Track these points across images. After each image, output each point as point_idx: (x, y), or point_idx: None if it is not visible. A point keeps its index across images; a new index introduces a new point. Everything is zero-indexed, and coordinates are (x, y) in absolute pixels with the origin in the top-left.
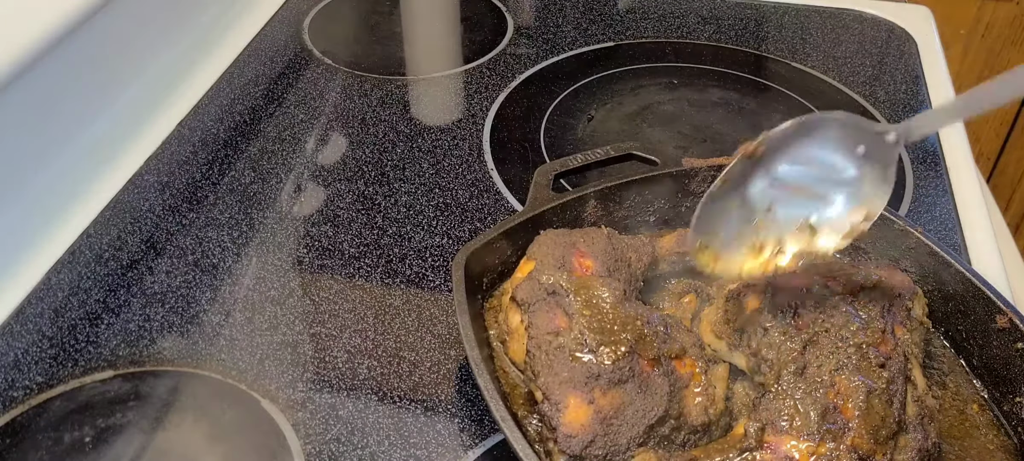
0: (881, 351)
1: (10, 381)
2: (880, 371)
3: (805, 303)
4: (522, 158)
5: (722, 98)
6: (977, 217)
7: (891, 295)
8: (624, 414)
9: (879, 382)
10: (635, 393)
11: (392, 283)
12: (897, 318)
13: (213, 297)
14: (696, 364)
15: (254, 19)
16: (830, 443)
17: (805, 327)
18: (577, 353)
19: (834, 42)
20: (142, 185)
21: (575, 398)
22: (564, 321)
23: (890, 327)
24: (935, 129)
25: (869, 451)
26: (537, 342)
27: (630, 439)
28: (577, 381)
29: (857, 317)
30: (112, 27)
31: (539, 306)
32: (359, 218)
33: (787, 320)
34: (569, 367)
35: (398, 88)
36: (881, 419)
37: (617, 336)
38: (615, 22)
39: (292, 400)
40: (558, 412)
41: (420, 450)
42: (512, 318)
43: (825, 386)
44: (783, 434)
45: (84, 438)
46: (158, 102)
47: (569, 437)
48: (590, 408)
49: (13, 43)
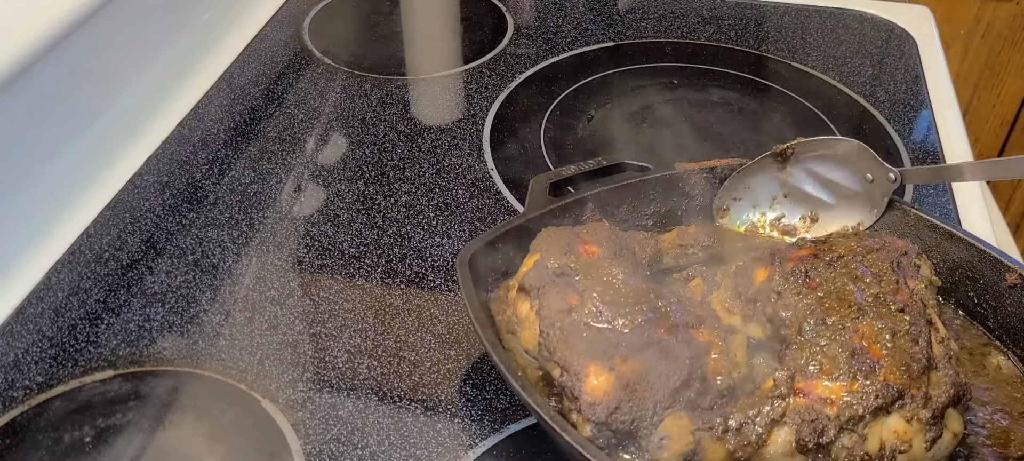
0: (897, 299)
1: (10, 381)
2: (901, 315)
3: (815, 266)
4: (522, 158)
5: (722, 98)
6: (977, 217)
7: (898, 253)
8: (647, 379)
9: (902, 325)
10: (656, 359)
11: (392, 283)
12: (907, 273)
13: (213, 297)
14: (713, 334)
15: (254, 19)
16: (863, 380)
17: (818, 285)
18: (593, 324)
19: (834, 42)
20: (142, 185)
21: (595, 366)
22: (575, 299)
23: (903, 280)
24: (927, 181)
25: (904, 385)
26: (550, 321)
27: (656, 403)
28: (595, 351)
29: (868, 273)
30: (112, 27)
31: (548, 288)
32: (359, 218)
33: (799, 281)
34: (586, 339)
35: (398, 88)
36: (910, 355)
37: (631, 307)
38: (615, 22)
39: (292, 400)
40: (579, 381)
41: (420, 450)
42: (521, 307)
43: (849, 332)
44: (814, 378)
45: (84, 438)
46: (158, 102)
47: (593, 404)
48: (611, 375)
49: (13, 43)
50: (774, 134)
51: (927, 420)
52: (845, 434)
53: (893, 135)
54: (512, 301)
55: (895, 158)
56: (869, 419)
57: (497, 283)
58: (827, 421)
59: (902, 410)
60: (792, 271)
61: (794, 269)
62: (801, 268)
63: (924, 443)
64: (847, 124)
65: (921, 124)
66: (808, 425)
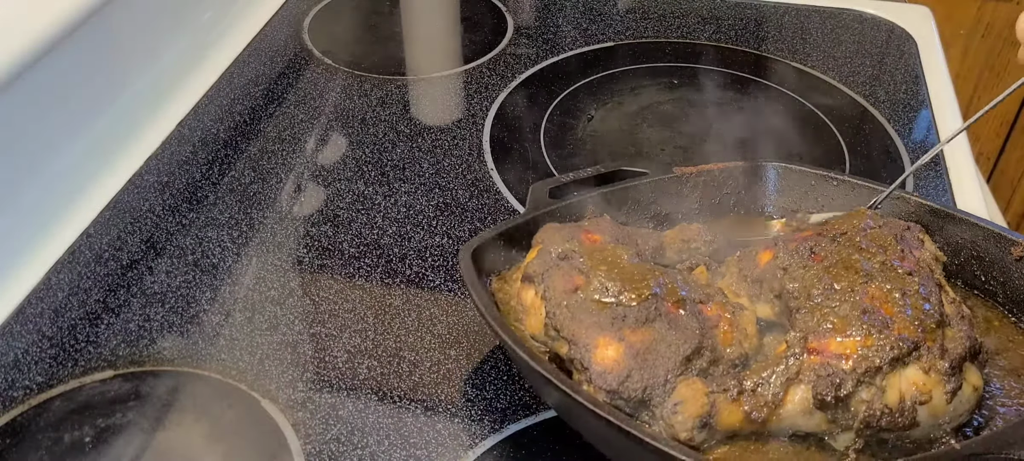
0: (904, 265)
1: (10, 381)
2: (910, 278)
3: (819, 243)
4: (522, 158)
5: (722, 98)
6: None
7: (901, 228)
8: (657, 349)
9: (911, 286)
10: (665, 329)
11: (392, 283)
12: (912, 245)
13: (213, 297)
14: (722, 308)
15: (254, 19)
16: (877, 335)
17: (823, 258)
18: (601, 299)
19: (834, 42)
20: (142, 185)
21: (604, 337)
22: (581, 279)
23: (908, 250)
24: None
25: (919, 338)
26: (556, 301)
27: (668, 371)
28: (603, 324)
29: (873, 245)
30: (112, 27)
31: (552, 271)
32: (359, 218)
33: (804, 256)
34: (593, 314)
35: (398, 88)
36: (923, 312)
37: (638, 283)
38: (615, 22)
39: (292, 400)
40: (588, 352)
41: (420, 450)
42: (526, 295)
43: (858, 294)
44: (827, 337)
45: (84, 438)
46: (158, 102)
47: (604, 373)
48: (621, 345)
49: (13, 43)
50: (774, 134)
51: (945, 371)
52: (863, 387)
53: (893, 135)
54: (516, 292)
55: (895, 158)
56: (887, 370)
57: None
58: (844, 375)
59: (919, 361)
60: (796, 249)
61: (798, 247)
62: (805, 245)
63: (945, 394)
64: (847, 124)
65: (921, 124)
66: (825, 380)
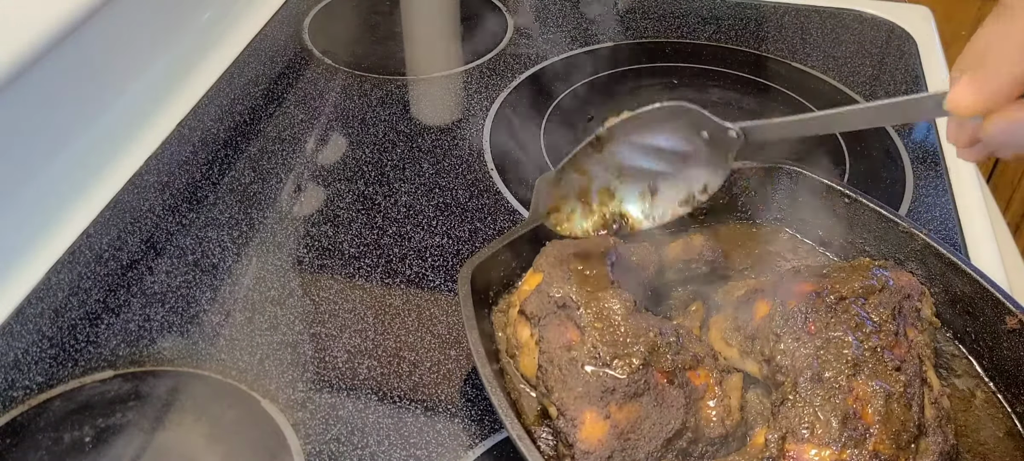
0: (895, 354)
1: (10, 381)
2: (897, 374)
3: (816, 307)
4: (522, 158)
5: (722, 98)
6: (977, 217)
7: (900, 296)
8: (641, 428)
9: (897, 386)
10: (651, 407)
11: (392, 283)
12: (908, 320)
13: (213, 297)
14: (710, 375)
15: (254, 19)
16: (852, 449)
17: (817, 332)
18: (591, 367)
19: (834, 42)
20: (142, 185)
21: (591, 413)
22: (575, 335)
23: (902, 329)
24: (773, 137)
25: (891, 456)
26: (549, 357)
27: (648, 454)
28: (592, 396)
29: (869, 320)
30: (112, 27)
31: (549, 320)
32: (359, 218)
33: (798, 325)
34: (583, 382)
35: (398, 88)
36: (901, 423)
37: (630, 348)
38: (615, 22)
39: (292, 400)
40: (574, 428)
41: (420, 450)
42: (521, 332)
43: (843, 392)
44: (804, 442)
45: (84, 438)
46: (158, 102)
47: (587, 453)
48: (606, 423)
49: (13, 43)
50: None
51: None
52: None
53: (893, 135)
54: (513, 324)
55: (895, 158)
56: None
57: (501, 294)
58: None
59: None
60: (792, 311)
61: (795, 309)
62: (802, 310)
63: None
64: None
65: (921, 124)
66: None
